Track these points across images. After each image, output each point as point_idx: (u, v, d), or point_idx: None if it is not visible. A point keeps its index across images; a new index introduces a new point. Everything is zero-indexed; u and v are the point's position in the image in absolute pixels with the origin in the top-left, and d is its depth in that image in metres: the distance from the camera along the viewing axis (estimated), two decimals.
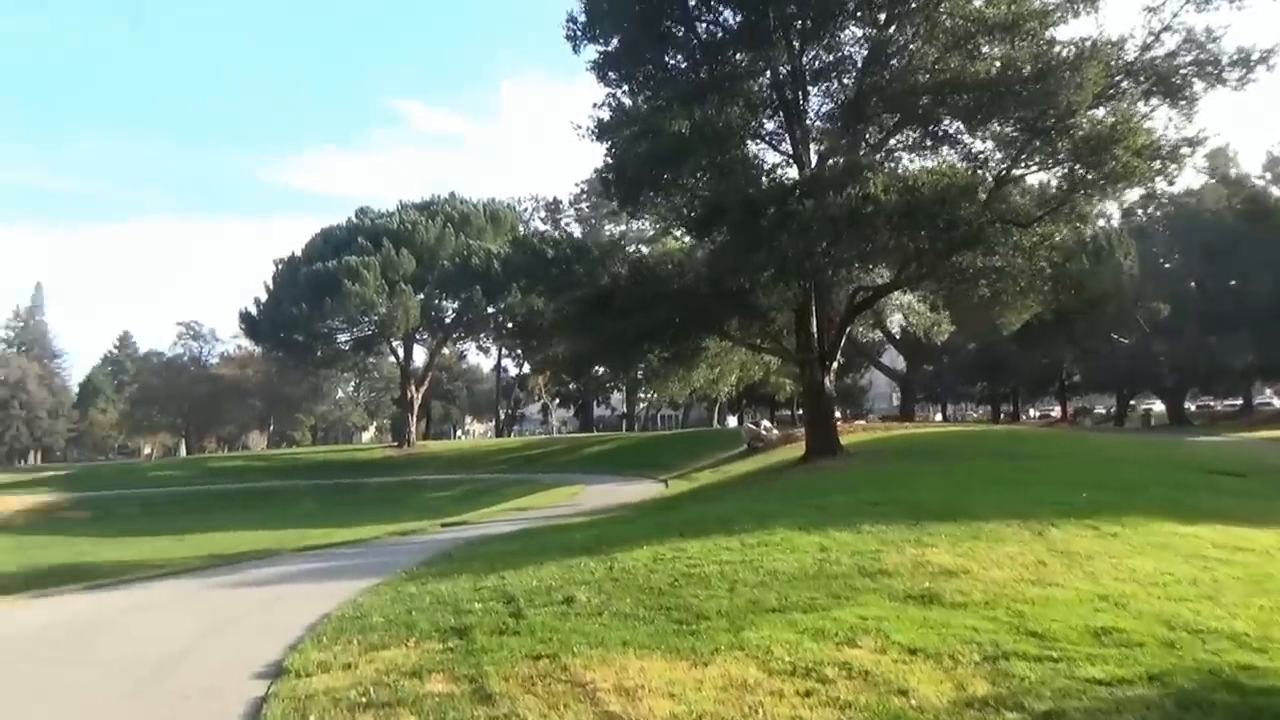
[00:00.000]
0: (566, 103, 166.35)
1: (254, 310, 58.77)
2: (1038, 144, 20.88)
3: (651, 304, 20.02)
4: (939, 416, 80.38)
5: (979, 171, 21.95)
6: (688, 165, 19.86)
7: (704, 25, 23.76)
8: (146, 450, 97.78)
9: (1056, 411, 74.88)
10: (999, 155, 22.65)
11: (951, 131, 22.08)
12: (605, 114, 23.88)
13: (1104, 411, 76.67)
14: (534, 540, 13.68)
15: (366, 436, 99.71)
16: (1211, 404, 70.38)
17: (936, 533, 9.79)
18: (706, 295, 19.97)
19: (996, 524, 10.21)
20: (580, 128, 24.23)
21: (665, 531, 12.07)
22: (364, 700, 5.41)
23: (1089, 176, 20.80)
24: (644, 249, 24.65)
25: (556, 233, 27.81)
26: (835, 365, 23.61)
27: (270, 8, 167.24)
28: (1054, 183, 23.03)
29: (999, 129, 21.62)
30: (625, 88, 24.12)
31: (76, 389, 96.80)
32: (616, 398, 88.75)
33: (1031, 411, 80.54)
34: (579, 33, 23.54)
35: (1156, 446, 27.59)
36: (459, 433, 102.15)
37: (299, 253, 57.87)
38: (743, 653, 5.88)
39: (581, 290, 21.74)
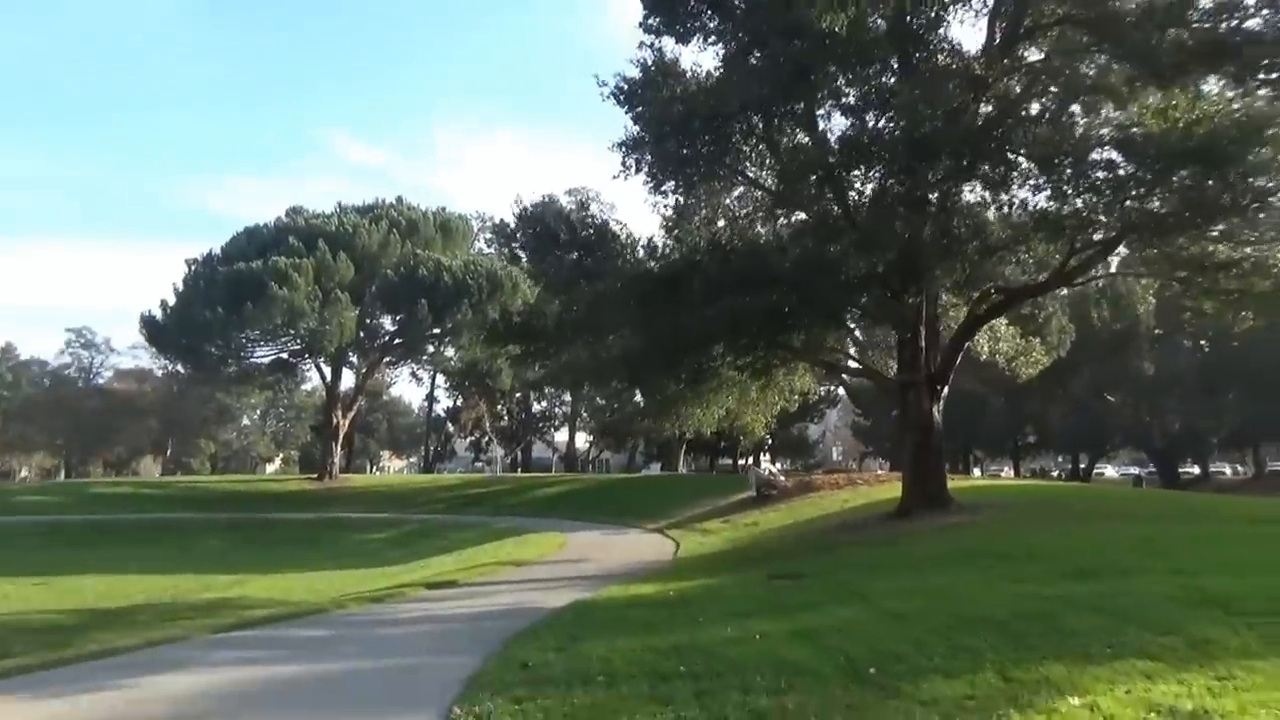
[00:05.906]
0: (496, 150, 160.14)
1: (159, 314, 49.35)
2: None
3: (742, 289, 14.25)
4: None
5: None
6: (858, 66, 13.66)
7: None
8: (23, 474, 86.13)
9: (1007, 471, 71.32)
10: None
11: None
12: (637, 73, 18.69)
13: (1058, 474, 73.66)
14: (671, 636, 7.75)
15: (271, 469, 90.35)
16: (1194, 469, 67.54)
17: None
18: (819, 281, 14.14)
19: None
20: (605, 85, 18.91)
21: (925, 630, 6.84)
22: None
23: None
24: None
25: (574, 215, 21.98)
26: (944, 393, 17.91)
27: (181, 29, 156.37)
28: None
29: None
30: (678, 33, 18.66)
31: None
32: (552, 438, 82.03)
33: (977, 471, 77.05)
34: None
35: None
36: (375, 468, 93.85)
37: (218, 251, 49.74)
38: None
39: (629, 275, 15.87)
